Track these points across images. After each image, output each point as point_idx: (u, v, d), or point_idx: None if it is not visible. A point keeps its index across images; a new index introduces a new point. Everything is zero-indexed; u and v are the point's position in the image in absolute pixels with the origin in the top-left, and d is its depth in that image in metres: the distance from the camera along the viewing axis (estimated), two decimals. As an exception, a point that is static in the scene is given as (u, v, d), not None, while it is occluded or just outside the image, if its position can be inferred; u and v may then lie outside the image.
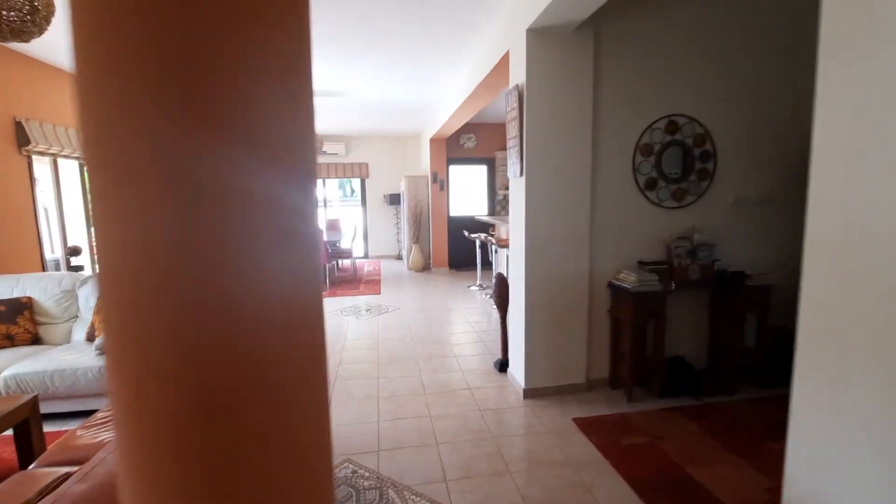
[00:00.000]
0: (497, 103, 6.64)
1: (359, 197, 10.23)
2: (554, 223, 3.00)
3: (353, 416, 2.89)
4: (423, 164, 9.04)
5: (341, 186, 15.80)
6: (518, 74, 3.00)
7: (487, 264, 7.55)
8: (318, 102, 6.27)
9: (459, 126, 6.85)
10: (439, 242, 8.24)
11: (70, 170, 4.95)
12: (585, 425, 2.73)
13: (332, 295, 6.40)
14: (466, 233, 6.61)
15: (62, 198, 4.49)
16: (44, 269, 4.13)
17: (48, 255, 5.64)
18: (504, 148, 8.52)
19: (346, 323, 5.01)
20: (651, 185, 3.22)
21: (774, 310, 3.26)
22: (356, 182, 10.16)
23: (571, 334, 3.15)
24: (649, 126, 3.16)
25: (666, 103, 3.18)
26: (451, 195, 8.47)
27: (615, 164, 3.15)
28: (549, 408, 2.96)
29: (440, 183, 8.10)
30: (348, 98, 6.04)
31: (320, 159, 9.58)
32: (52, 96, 4.28)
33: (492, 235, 6.77)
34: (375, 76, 5.00)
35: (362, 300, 6.10)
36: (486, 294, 6.22)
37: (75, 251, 3.80)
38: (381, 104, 6.46)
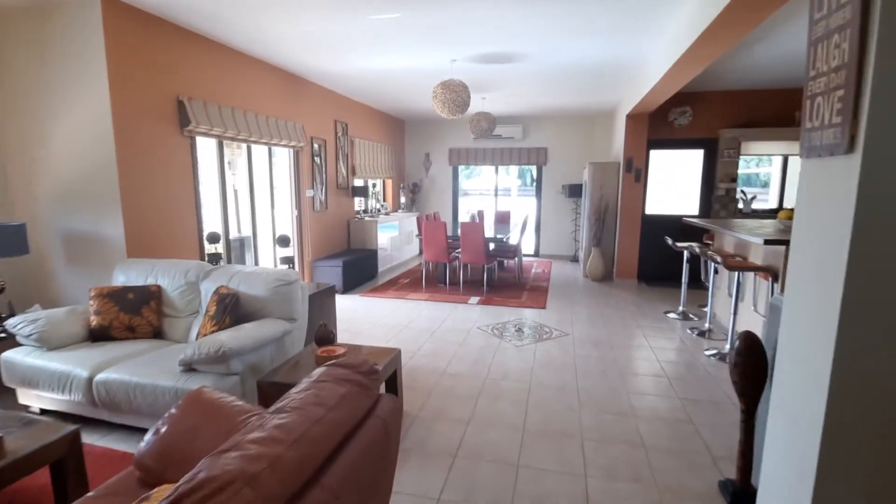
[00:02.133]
0: (741, 57, 4.62)
1: (535, 186, 9.04)
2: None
3: (464, 546, 1.79)
4: (615, 147, 7.34)
5: (521, 175, 14.80)
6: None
7: (694, 281, 5.66)
8: (488, 72, 5.25)
9: (670, 95, 5.05)
10: (627, 247, 6.53)
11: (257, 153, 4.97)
12: None
13: (488, 303, 5.41)
14: (670, 241, 4.85)
15: (225, 180, 4.44)
16: (202, 255, 4.09)
17: (231, 235, 5.92)
18: (734, 125, 6.25)
19: (494, 349, 3.94)
20: None
21: None
22: (535, 170, 8.99)
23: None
24: None
25: None
26: (648, 188, 6.61)
27: None
28: None
29: (636, 172, 6.34)
30: (525, 64, 4.86)
31: (493, 143, 8.67)
32: (217, 75, 4.18)
33: (707, 245, 4.87)
34: (559, 29, 3.71)
35: (522, 315, 4.95)
36: (693, 330, 4.42)
37: (213, 238, 3.61)
38: (565, 71, 5.11)
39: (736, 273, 3.68)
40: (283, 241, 3.64)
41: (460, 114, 4.72)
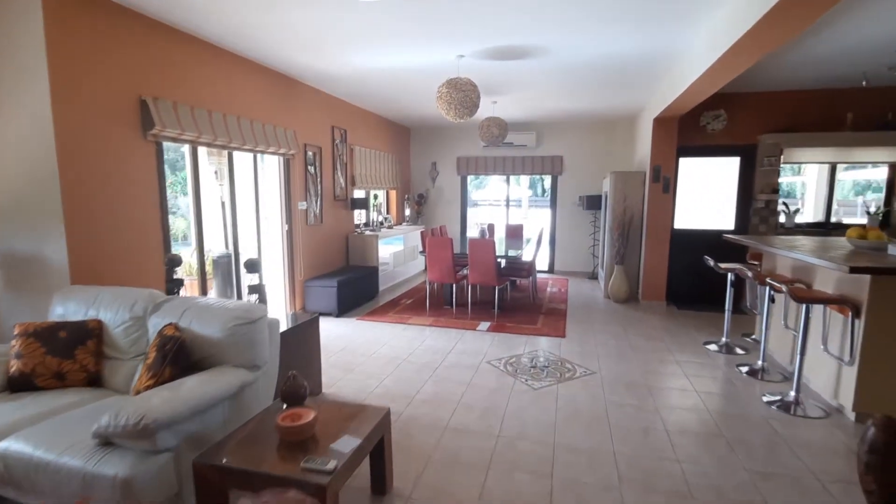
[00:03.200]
0: (784, 54, 3.98)
1: (549, 197, 8.44)
2: None
3: None
4: (638, 155, 6.72)
5: (532, 185, 14.09)
6: None
7: (736, 307, 5.03)
8: (500, 71, 4.69)
9: (709, 94, 4.44)
10: (655, 265, 5.87)
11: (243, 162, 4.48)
12: None
13: (499, 329, 4.78)
14: (712, 262, 4.20)
15: (200, 191, 3.91)
16: (169, 280, 3.54)
17: (219, 252, 5.41)
18: (775, 129, 5.60)
19: (508, 392, 3.32)
20: None
21: None
22: (548, 180, 8.40)
23: None
24: None
25: None
26: (677, 199, 5.97)
27: None
28: None
29: (664, 181, 5.71)
30: (543, 60, 4.29)
31: (504, 152, 8.10)
32: (191, 73, 3.67)
33: (752, 265, 4.22)
34: (584, 15, 3.14)
35: (538, 345, 4.32)
36: (743, 368, 3.75)
37: (174, 261, 3.04)
38: (588, 67, 4.52)
39: (803, 305, 3.03)
40: (251, 267, 3.01)
41: (468, 116, 4.15)
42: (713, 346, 4.29)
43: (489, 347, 4.24)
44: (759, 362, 3.70)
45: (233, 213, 4.32)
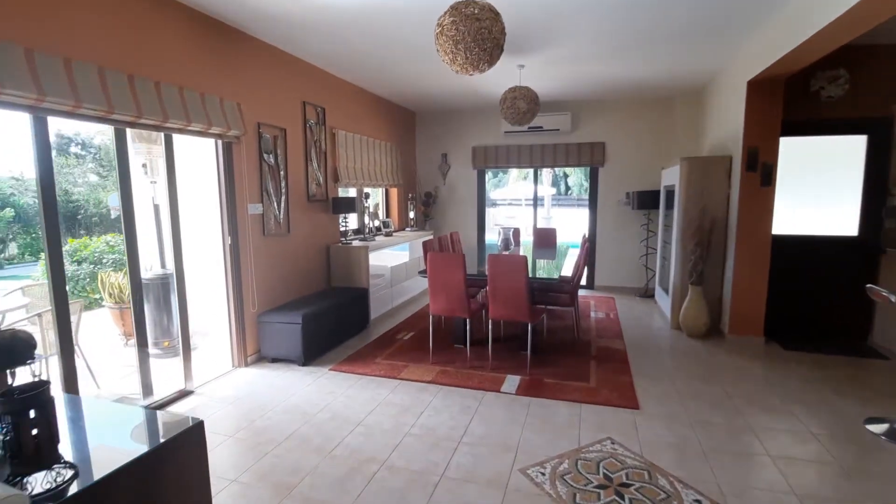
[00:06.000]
0: None
1: (578, 194, 6.83)
2: None
3: None
4: (713, 138, 5.08)
5: (555, 182, 12.32)
6: None
7: (845, 335, 3.37)
8: (535, 5, 3.13)
9: (842, 43, 2.83)
10: (749, 286, 4.22)
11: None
12: None
13: (535, 390, 3.20)
14: (896, 297, 2.57)
15: (55, 186, 2.46)
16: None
17: (154, 272, 4.08)
18: (926, 94, 3.91)
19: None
20: None
21: None
22: (576, 173, 6.79)
23: None
24: None
25: None
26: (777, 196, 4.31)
27: None
28: None
29: (764, 170, 4.07)
30: (600, -23, 2.73)
31: (530, 139, 6.53)
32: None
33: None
34: None
35: (600, 427, 2.75)
36: (979, 489, 2.11)
37: None
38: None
39: None
40: (9, 351, 1.16)
41: (486, 66, 2.62)
42: (879, 427, 2.66)
43: (523, 431, 2.69)
44: None
45: (126, 219, 2.85)
